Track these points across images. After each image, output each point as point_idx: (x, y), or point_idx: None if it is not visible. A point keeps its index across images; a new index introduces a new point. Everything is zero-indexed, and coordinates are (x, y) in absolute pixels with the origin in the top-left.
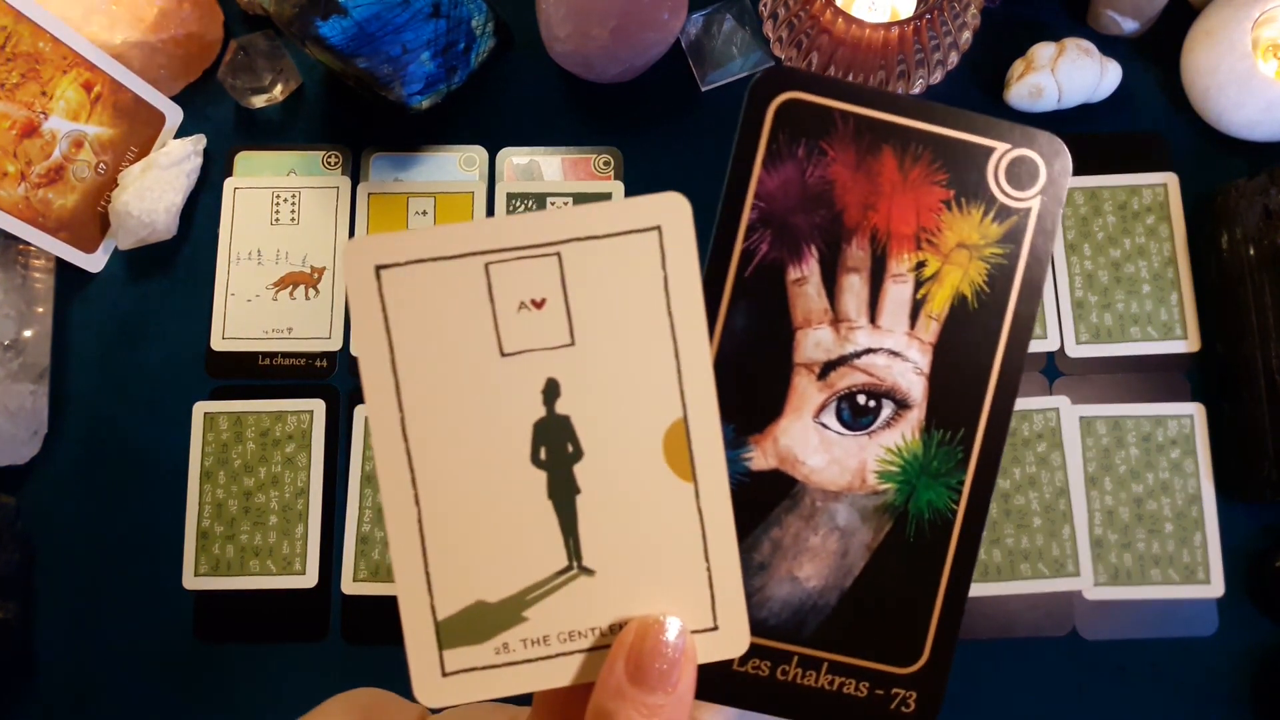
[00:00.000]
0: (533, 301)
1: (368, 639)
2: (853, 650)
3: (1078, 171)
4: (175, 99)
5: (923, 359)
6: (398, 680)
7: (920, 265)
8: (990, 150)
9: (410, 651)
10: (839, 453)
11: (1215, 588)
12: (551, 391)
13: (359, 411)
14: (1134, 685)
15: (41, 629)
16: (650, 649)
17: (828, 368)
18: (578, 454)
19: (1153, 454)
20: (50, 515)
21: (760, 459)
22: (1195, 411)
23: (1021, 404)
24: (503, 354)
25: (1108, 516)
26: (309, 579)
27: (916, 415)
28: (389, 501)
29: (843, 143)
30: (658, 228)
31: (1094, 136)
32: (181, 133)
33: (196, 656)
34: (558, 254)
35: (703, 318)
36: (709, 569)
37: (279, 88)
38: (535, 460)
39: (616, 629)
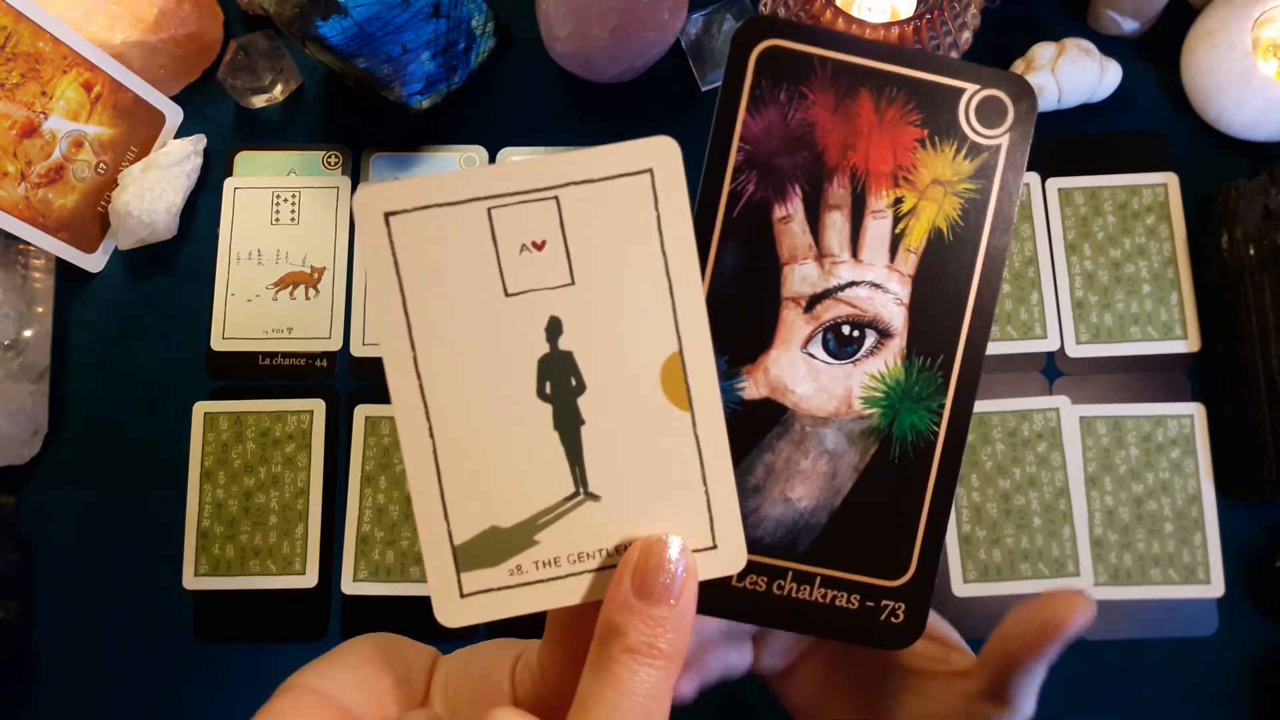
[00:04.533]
0: (533, 243)
1: None
2: (844, 565)
3: (1078, 171)
4: (175, 99)
5: (903, 290)
6: None
7: (898, 201)
8: (961, 91)
9: (430, 576)
10: (826, 380)
11: (1215, 588)
12: (554, 329)
13: (359, 411)
14: (1134, 685)
15: (41, 629)
16: (654, 565)
17: (813, 301)
18: (581, 387)
19: (1153, 454)
20: (50, 515)
21: (752, 388)
22: (1195, 411)
23: (1021, 404)
24: (507, 294)
25: (1108, 516)
26: (309, 579)
27: (898, 343)
28: (405, 436)
29: (822, 87)
30: (650, 170)
31: (1094, 136)
32: (181, 133)
33: (196, 656)
34: (556, 198)
35: (694, 256)
36: (707, 492)
37: (279, 88)
38: (541, 394)
39: (622, 549)
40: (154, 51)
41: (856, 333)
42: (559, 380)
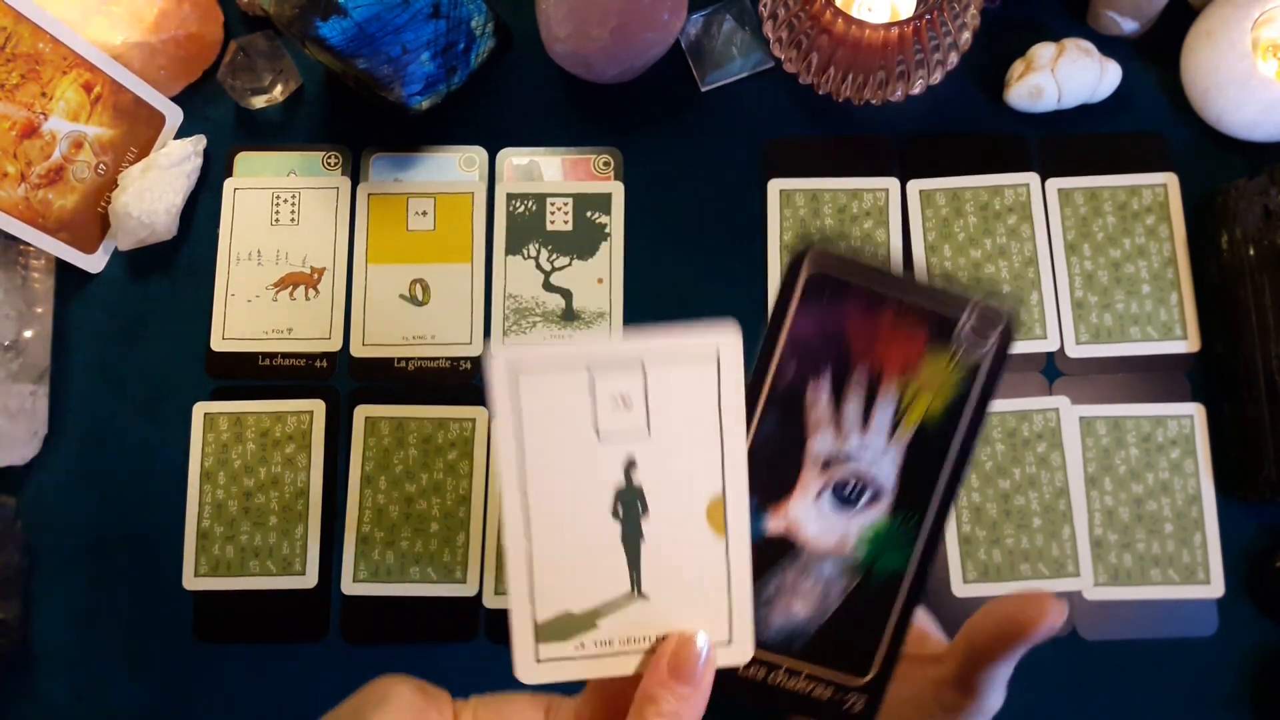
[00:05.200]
0: (623, 400)
1: (368, 639)
2: (824, 663)
3: (1078, 171)
4: (175, 99)
5: (896, 461)
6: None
7: (902, 392)
8: (959, 315)
9: (515, 642)
10: (830, 525)
11: (1215, 588)
12: (630, 467)
13: (359, 412)
14: (1134, 685)
15: (41, 629)
16: (685, 655)
17: (828, 463)
18: (645, 513)
19: (1153, 454)
20: (50, 515)
21: (774, 524)
22: (1195, 411)
23: (1021, 404)
24: (599, 438)
25: (1108, 517)
26: (309, 579)
27: (888, 501)
28: (509, 535)
29: (854, 305)
30: (717, 354)
31: (1094, 136)
32: (181, 133)
33: (196, 656)
34: (643, 369)
35: (743, 422)
36: (730, 601)
37: (279, 88)
38: (614, 515)
39: (662, 638)
40: (154, 52)
41: (856, 491)
42: (629, 506)
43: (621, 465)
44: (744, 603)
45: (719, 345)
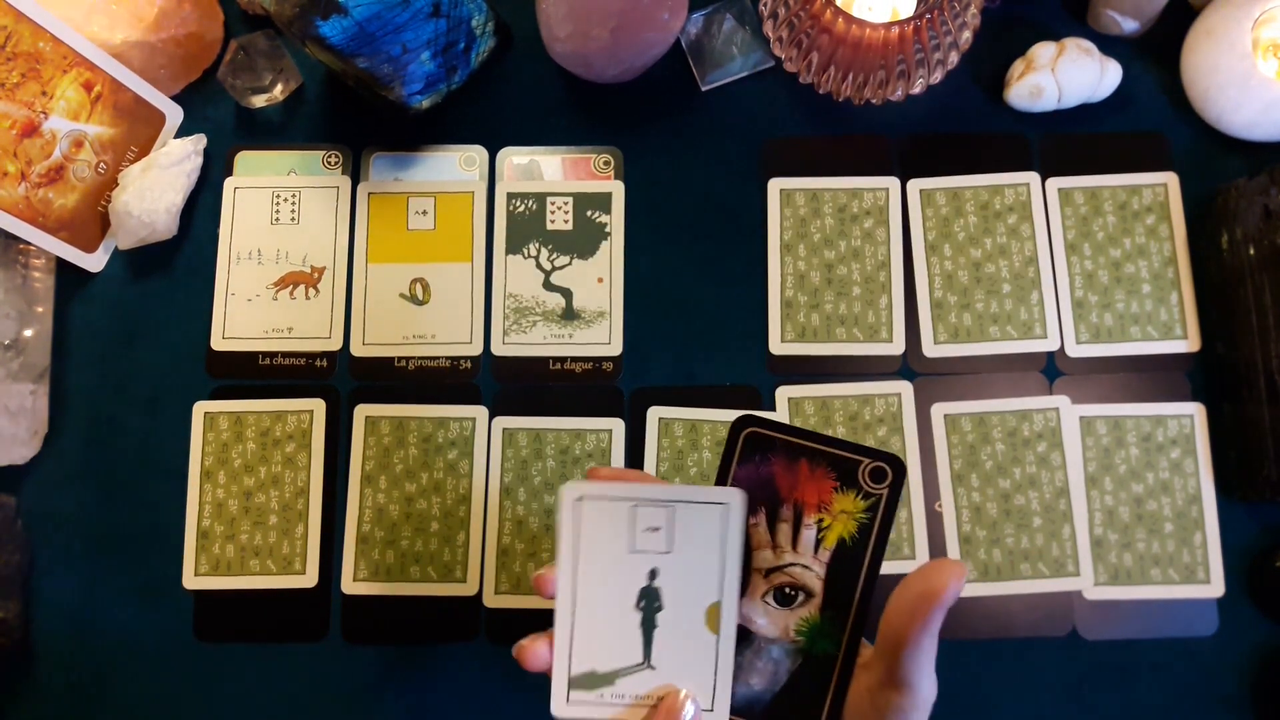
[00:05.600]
0: (652, 528)
1: (368, 639)
2: None
3: (1078, 171)
4: (175, 99)
5: (821, 570)
6: (395, 678)
7: (820, 521)
8: (860, 462)
9: (554, 686)
10: (775, 619)
11: (1215, 588)
12: (653, 574)
13: (359, 411)
14: (1134, 685)
15: (41, 628)
16: (677, 713)
17: (769, 572)
18: (660, 608)
19: (1153, 454)
20: (50, 515)
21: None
22: (1195, 411)
23: (1021, 404)
24: (631, 551)
25: (1108, 516)
26: (309, 579)
27: (817, 601)
28: (560, 610)
29: (778, 456)
30: (725, 504)
31: (1094, 136)
32: (182, 132)
33: (196, 656)
34: (672, 507)
35: (739, 554)
36: (715, 678)
37: (279, 87)
38: (636, 606)
39: (662, 698)
40: (154, 51)
41: (793, 593)
42: (648, 602)
43: (647, 572)
44: (725, 680)
45: (729, 501)
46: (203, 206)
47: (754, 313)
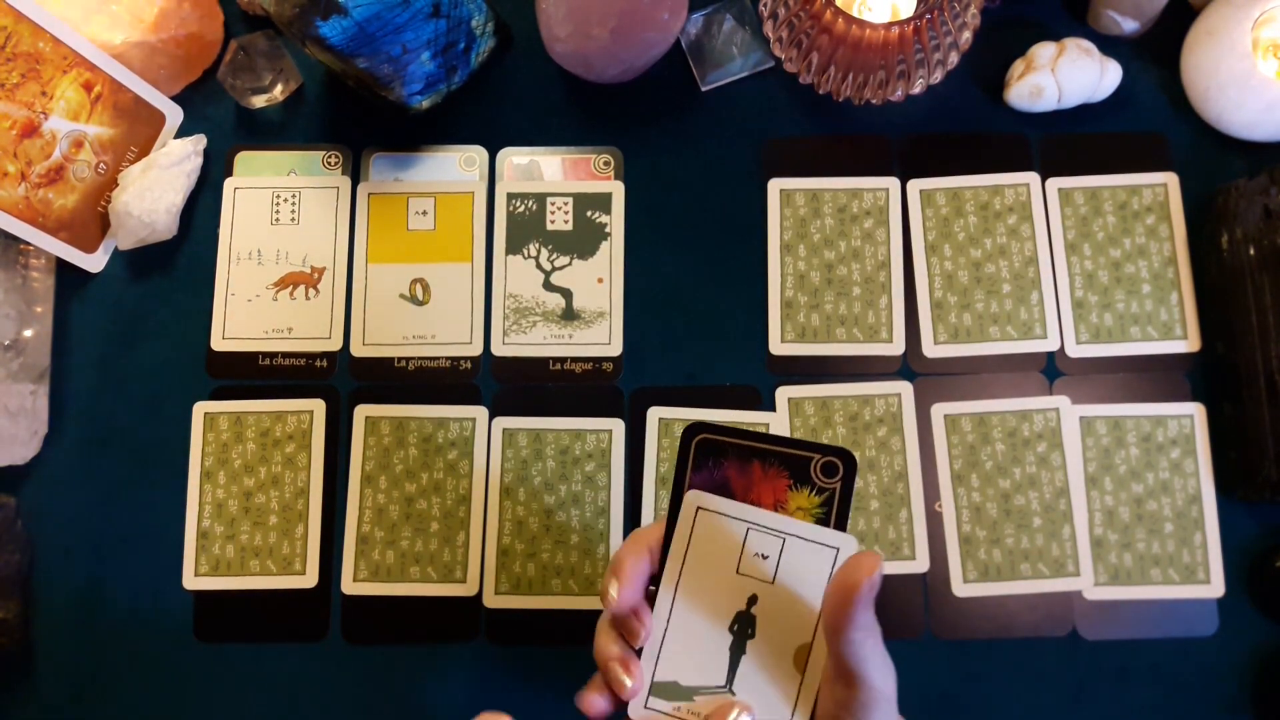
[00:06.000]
0: (761, 554)
1: (368, 639)
2: None
3: (1078, 171)
4: (175, 99)
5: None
6: (397, 679)
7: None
8: (810, 458)
9: (638, 688)
10: None
11: (1215, 588)
12: (751, 600)
13: (359, 411)
14: (1134, 685)
15: (41, 629)
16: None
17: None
18: (752, 635)
19: (1153, 454)
20: (50, 515)
21: None
22: (1195, 411)
23: (1021, 404)
24: (737, 572)
25: (1108, 516)
26: (309, 579)
27: None
28: (657, 614)
29: (731, 460)
30: (837, 548)
31: (1094, 136)
32: (182, 133)
33: (196, 656)
34: (784, 538)
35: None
36: (792, 715)
37: (279, 88)
38: (730, 630)
39: (718, 707)
40: (154, 51)
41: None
42: (741, 627)
43: (746, 596)
44: (805, 713)
45: (841, 545)
46: (203, 207)
47: (754, 313)
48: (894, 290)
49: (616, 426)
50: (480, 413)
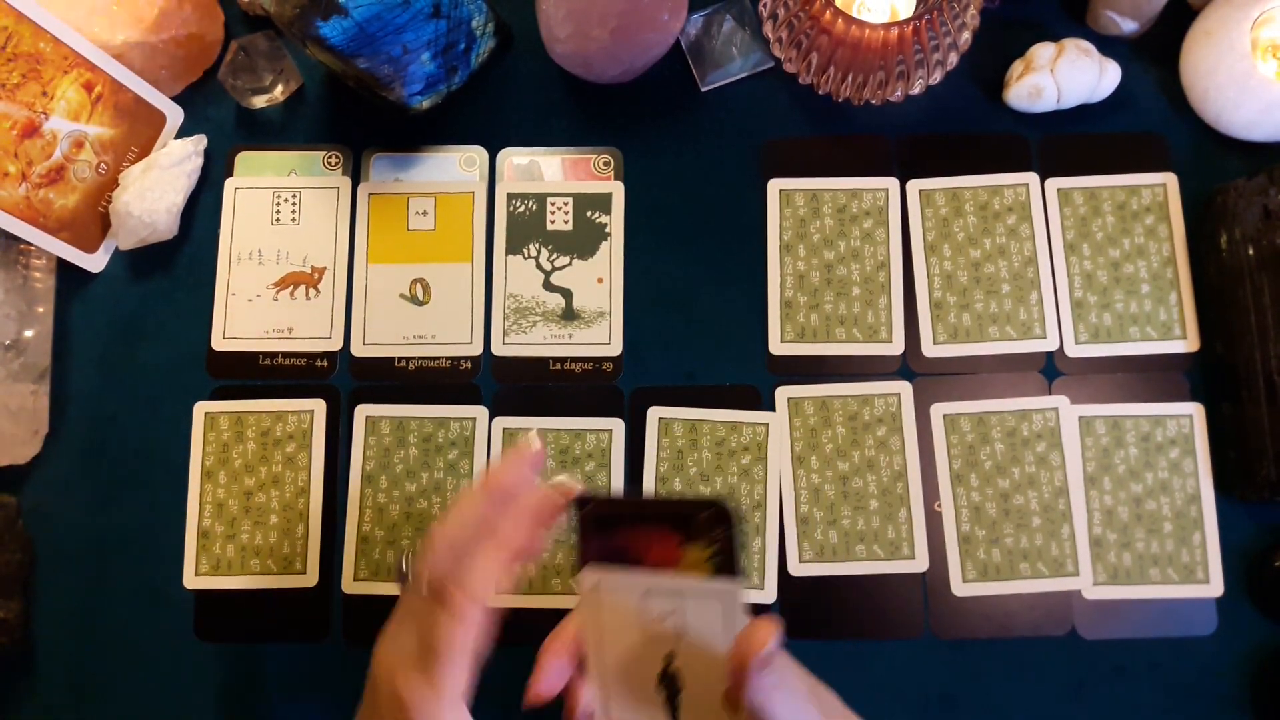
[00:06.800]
0: (665, 614)
1: (368, 639)
2: None
3: (1077, 172)
4: (176, 99)
5: None
6: None
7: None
8: (694, 514)
9: None
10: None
11: (1214, 587)
12: (669, 658)
13: (359, 411)
14: (1133, 685)
15: (42, 628)
16: None
17: None
18: (680, 689)
19: (1152, 454)
20: (50, 515)
21: None
22: (1194, 411)
23: (1021, 404)
24: (646, 635)
25: (1107, 516)
26: (309, 579)
27: None
28: (599, 690)
29: (623, 527)
30: (729, 591)
31: (1093, 137)
32: (182, 133)
33: (196, 656)
34: (682, 596)
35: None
36: None
37: (279, 88)
38: (660, 688)
39: None
40: (155, 52)
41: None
42: (669, 684)
43: (663, 656)
44: None
45: (730, 589)
46: (203, 207)
47: (754, 313)
48: (893, 290)
49: (616, 426)
50: (480, 412)
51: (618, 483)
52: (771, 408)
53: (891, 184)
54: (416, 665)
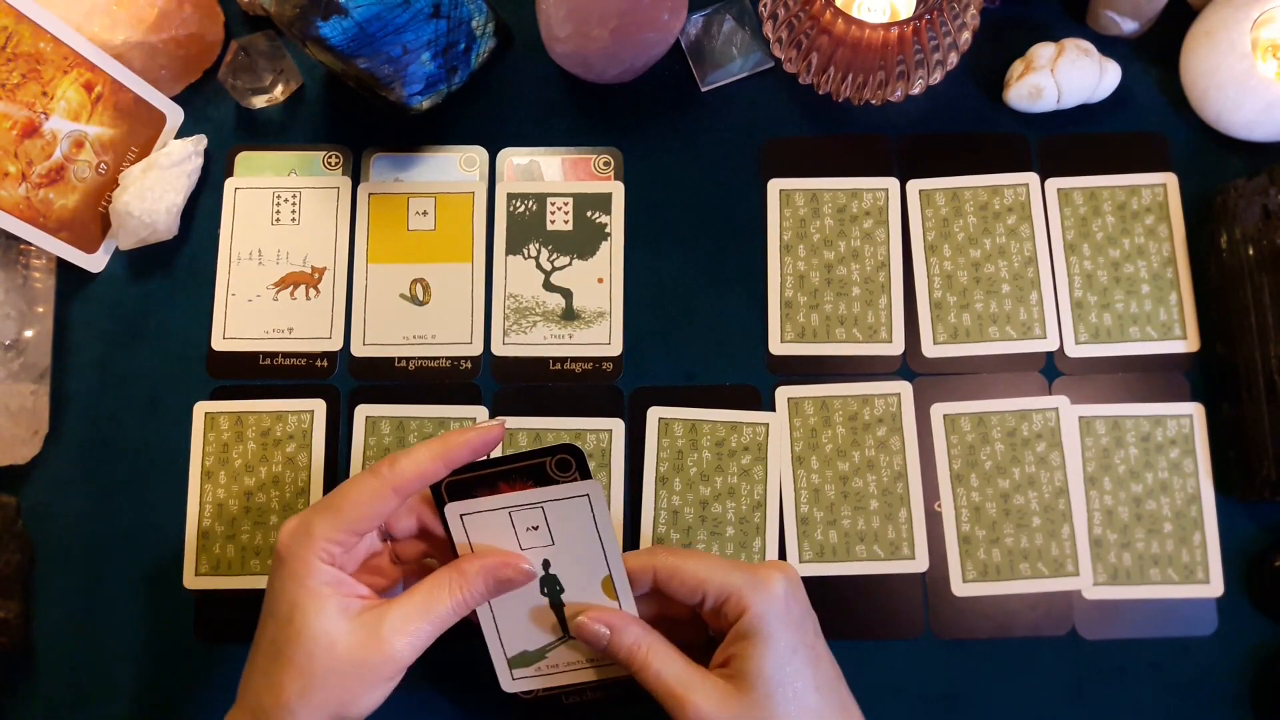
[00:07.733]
0: (532, 527)
1: None
2: None
3: (1077, 172)
4: (176, 99)
5: None
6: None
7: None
8: (542, 462)
9: (498, 671)
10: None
11: (1214, 587)
12: (546, 565)
13: (359, 411)
14: (1133, 685)
15: (42, 628)
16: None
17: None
18: (561, 590)
19: (1152, 454)
20: (50, 515)
21: None
22: (1194, 411)
23: (1021, 403)
24: (521, 548)
25: (1107, 516)
26: None
27: None
28: (483, 611)
29: (480, 492)
30: (587, 495)
31: (1094, 136)
32: (182, 133)
33: (196, 656)
34: (541, 506)
35: (612, 531)
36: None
37: (279, 88)
38: (542, 592)
39: (585, 659)
40: (155, 52)
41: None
42: (550, 588)
43: (540, 563)
44: None
45: (589, 491)
46: (203, 207)
47: (754, 313)
48: (893, 290)
49: (616, 426)
50: (480, 412)
51: (618, 483)
52: (771, 408)
53: (891, 184)
54: (303, 513)
